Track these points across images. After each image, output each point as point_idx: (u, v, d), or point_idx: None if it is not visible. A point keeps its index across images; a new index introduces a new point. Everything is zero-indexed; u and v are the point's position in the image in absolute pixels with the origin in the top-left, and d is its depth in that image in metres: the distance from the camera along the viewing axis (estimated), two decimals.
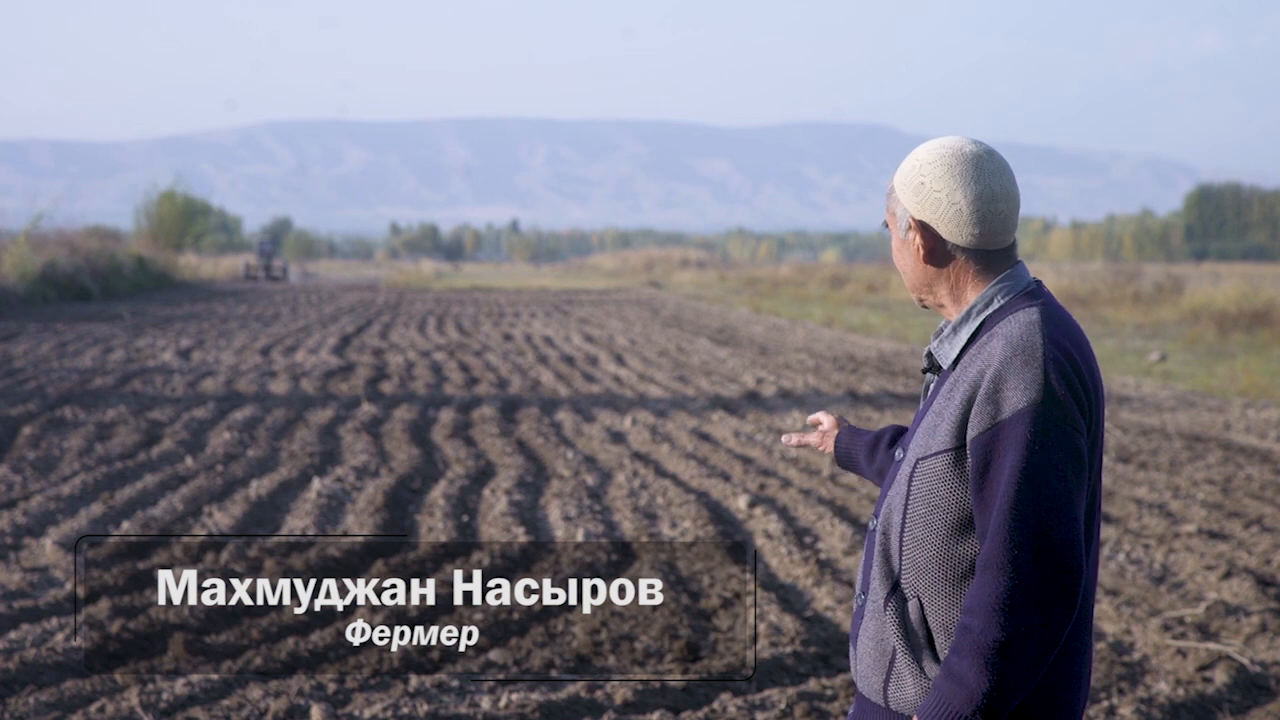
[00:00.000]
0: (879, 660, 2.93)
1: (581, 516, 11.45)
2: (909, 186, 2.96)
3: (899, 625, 2.89)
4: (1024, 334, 2.85)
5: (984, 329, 2.92)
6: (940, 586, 2.87)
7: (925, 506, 2.88)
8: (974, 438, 2.82)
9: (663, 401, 19.02)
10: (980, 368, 2.86)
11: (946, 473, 2.87)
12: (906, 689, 2.88)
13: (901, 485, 2.94)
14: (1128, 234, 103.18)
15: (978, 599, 2.76)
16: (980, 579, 2.77)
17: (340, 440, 15.43)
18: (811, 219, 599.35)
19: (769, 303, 47.63)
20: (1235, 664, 7.71)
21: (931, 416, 2.93)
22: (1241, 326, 30.34)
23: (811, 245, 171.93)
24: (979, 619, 2.75)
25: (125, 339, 28.08)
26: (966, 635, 2.76)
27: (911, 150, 3.01)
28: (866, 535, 3.07)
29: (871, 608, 2.97)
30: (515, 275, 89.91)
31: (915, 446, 2.94)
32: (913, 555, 2.89)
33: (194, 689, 6.93)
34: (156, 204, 68.61)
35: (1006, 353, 2.83)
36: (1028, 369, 2.81)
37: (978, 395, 2.83)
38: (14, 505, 11.78)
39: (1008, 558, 2.75)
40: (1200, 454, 14.85)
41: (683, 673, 7.40)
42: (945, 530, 2.87)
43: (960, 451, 2.85)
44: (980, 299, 2.95)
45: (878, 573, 2.95)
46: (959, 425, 2.85)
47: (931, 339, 3.05)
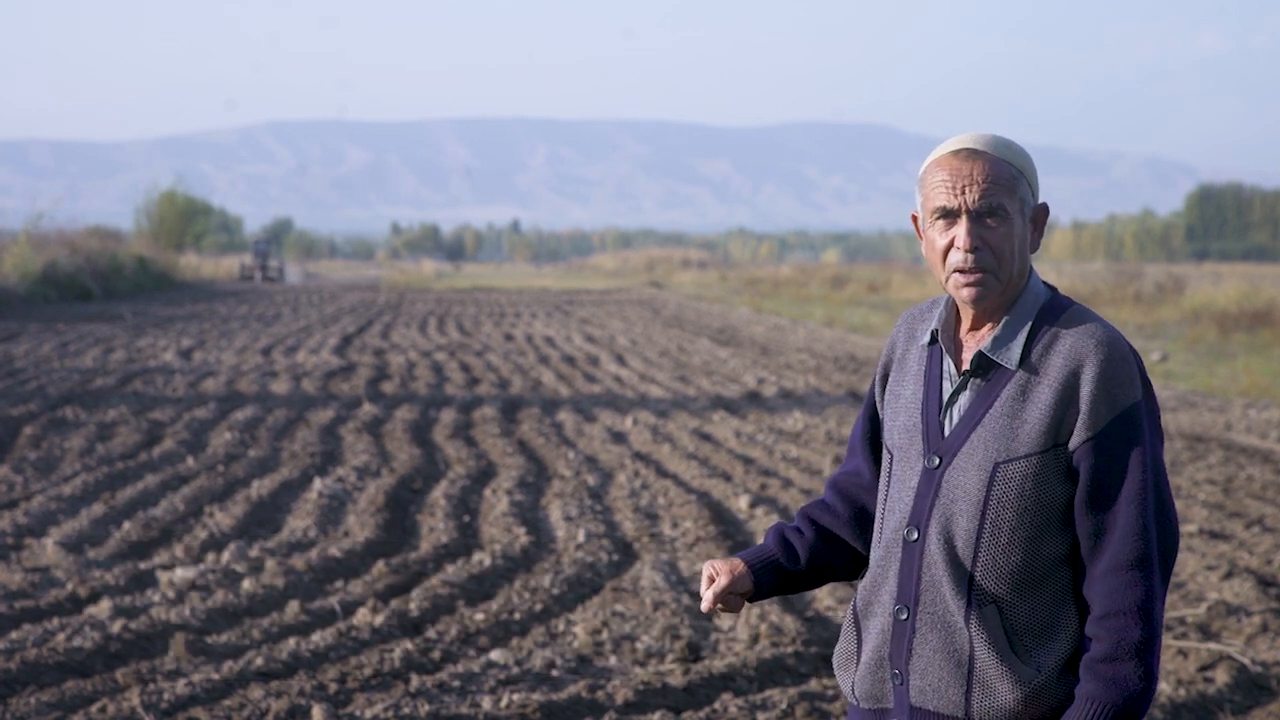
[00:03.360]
0: (954, 672, 2.87)
1: (582, 517, 11.44)
2: (1034, 175, 2.94)
3: (983, 633, 2.85)
4: (1107, 333, 2.85)
5: (1040, 326, 2.90)
6: (1022, 590, 2.85)
7: (1013, 511, 2.84)
8: (1090, 438, 2.80)
9: (664, 402, 19.02)
10: (1067, 367, 2.83)
11: (1037, 475, 2.83)
12: (998, 696, 2.84)
13: (972, 491, 2.87)
14: (1129, 234, 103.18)
15: (1122, 600, 2.77)
16: (1119, 579, 2.78)
17: (341, 440, 15.43)
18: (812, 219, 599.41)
19: (770, 303, 47.63)
20: (1236, 664, 7.70)
21: (1003, 419, 2.86)
22: (1243, 327, 30.34)
23: (812, 245, 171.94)
24: (1130, 620, 2.76)
25: (126, 339, 28.08)
26: (1121, 637, 2.76)
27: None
28: (899, 546, 2.95)
29: (930, 620, 2.90)
30: (516, 275, 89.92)
31: (985, 451, 2.87)
32: (994, 561, 2.85)
33: (195, 689, 6.93)
34: (157, 204, 68.64)
35: (1102, 352, 2.82)
36: (1125, 366, 2.82)
37: (1081, 396, 2.81)
38: (15, 505, 11.78)
39: (1147, 556, 2.78)
40: (1201, 454, 14.85)
41: (683, 673, 7.40)
42: (1033, 533, 2.84)
43: (1051, 454, 2.82)
44: (1029, 296, 2.93)
45: (944, 583, 2.88)
46: (1051, 427, 2.82)
47: (938, 339, 2.98)
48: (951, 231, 2.92)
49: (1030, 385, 2.86)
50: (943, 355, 2.99)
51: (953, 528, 2.88)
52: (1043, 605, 2.85)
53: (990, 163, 2.90)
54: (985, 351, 2.91)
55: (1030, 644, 2.85)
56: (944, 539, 2.89)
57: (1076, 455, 2.82)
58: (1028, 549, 2.84)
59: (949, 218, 2.92)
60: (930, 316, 3.05)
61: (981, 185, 2.89)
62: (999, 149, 2.92)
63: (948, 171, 2.92)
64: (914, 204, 3.03)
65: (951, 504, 2.89)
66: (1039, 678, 2.83)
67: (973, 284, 2.90)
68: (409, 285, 64.75)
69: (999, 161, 2.91)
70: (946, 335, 2.99)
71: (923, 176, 2.98)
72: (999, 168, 2.90)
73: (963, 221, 2.90)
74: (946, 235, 2.92)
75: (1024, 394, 2.86)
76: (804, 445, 15.20)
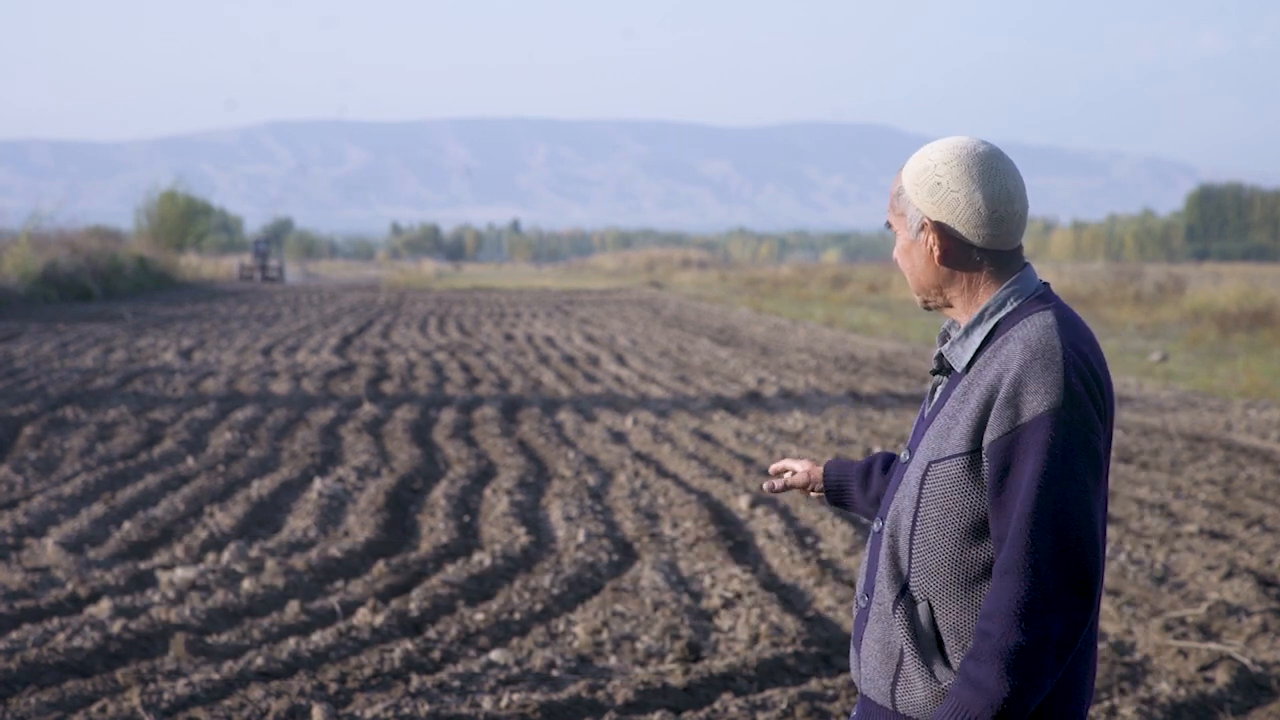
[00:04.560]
0: (886, 663, 2.92)
1: (583, 517, 11.44)
2: (923, 187, 2.93)
3: (908, 628, 2.88)
4: (1042, 338, 2.83)
5: (998, 332, 2.91)
6: (951, 590, 2.86)
7: (938, 510, 2.87)
8: (992, 441, 2.81)
9: (664, 402, 19.02)
10: (998, 371, 2.85)
11: (960, 476, 2.85)
12: (915, 692, 2.88)
13: (911, 488, 2.92)
14: (1129, 234, 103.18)
15: (997, 604, 2.76)
16: (999, 584, 2.77)
17: (341, 440, 15.43)
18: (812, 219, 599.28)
19: (770, 303, 47.63)
20: (1236, 664, 7.70)
21: (944, 419, 2.91)
22: (1243, 327, 30.33)
23: (812, 245, 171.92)
24: (999, 624, 2.74)
25: (126, 339, 28.08)
26: (986, 641, 2.75)
27: (915, 150, 2.99)
28: (870, 537, 3.05)
29: (877, 610, 2.96)
30: (516, 275, 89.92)
31: (925, 449, 2.93)
32: (923, 558, 2.88)
33: (195, 689, 6.93)
34: (157, 204, 68.62)
35: (1025, 357, 2.82)
36: (1048, 373, 2.80)
37: (996, 399, 2.82)
38: (15, 505, 11.78)
39: (1028, 562, 2.75)
40: (1201, 454, 14.85)
41: (683, 673, 7.40)
42: (958, 534, 2.86)
43: (975, 455, 2.84)
44: (993, 301, 2.93)
45: (885, 575, 2.94)
46: (975, 429, 2.84)
47: (938, 340, 3.04)
48: None
49: (970, 388, 2.90)
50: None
51: (898, 523, 2.95)
52: (973, 609, 2.86)
53: (895, 178, 3.02)
54: (943, 353, 2.98)
55: (955, 646, 2.87)
56: (891, 533, 2.96)
57: (985, 458, 2.84)
58: (954, 550, 2.86)
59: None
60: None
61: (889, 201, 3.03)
62: (908, 162, 2.99)
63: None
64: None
65: (902, 500, 2.96)
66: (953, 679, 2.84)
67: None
68: (409, 285, 64.75)
69: (897, 177, 3.01)
70: (946, 337, 3.05)
71: None
72: (894, 184, 3.02)
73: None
74: None
75: (964, 396, 2.90)
76: (804, 445, 15.20)
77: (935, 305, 3.01)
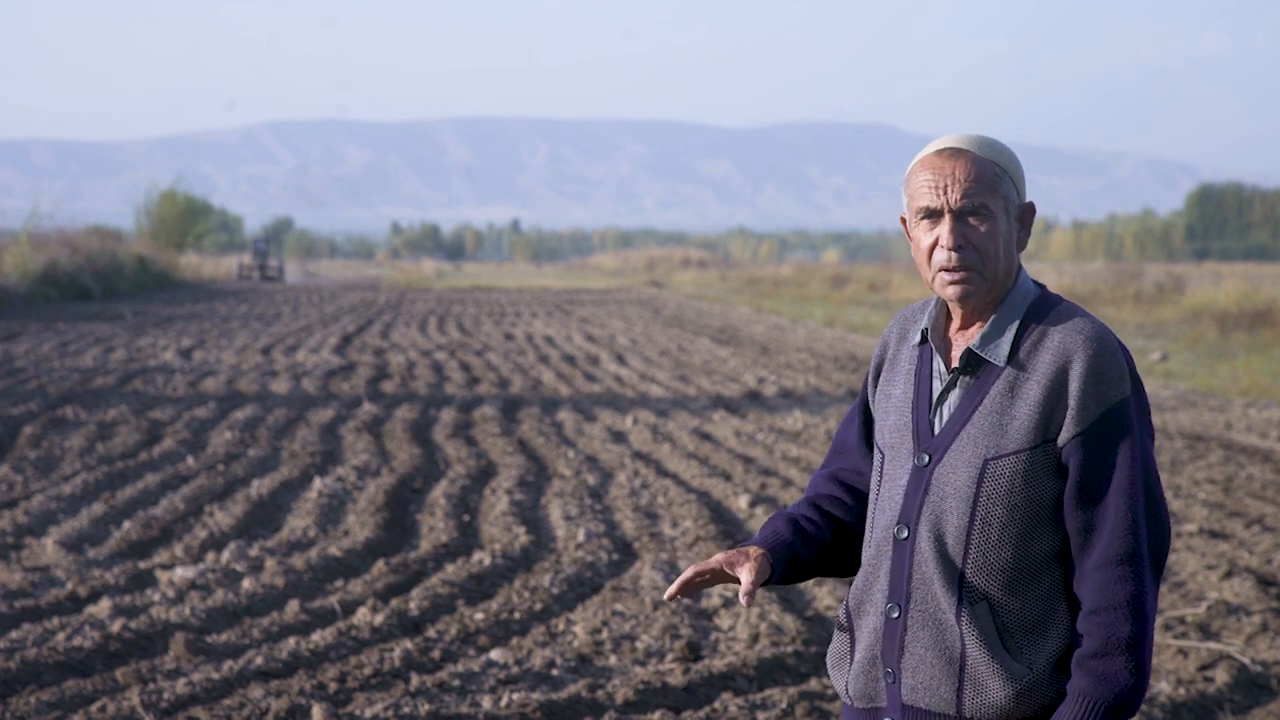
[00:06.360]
0: (947, 669, 2.88)
1: (583, 516, 11.44)
2: (1020, 173, 2.95)
3: (974, 630, 2.85)
4: (1095, 329, 2.85)
5: (1028, 324, 2.91)
6: (1014, 586, 2.85)
7: (1003, 507, 2.84)
8: (1078, 433, 2.81)
9: (664, 401, 19.02)
10: (1055, 363, 2.83)
11: (1027, 471, 2.84)
12: (990, 693, 2.84)
13: (962, 488, 2.88)
14: (1129, 234, 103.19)
15: (1111, 595, 2.77)
16: (1108, 574, 2.78)
17: (341, 440, 15.43)
18: (813, 219, 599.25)
19: (770, 302, 47.63)
20: (1236, 664, 7.70)
21: (989, 415, 2.87)
22: (1243, 326, 30.33)
23: (813, 245, 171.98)
24: (1119, 615, 2.76)
25: (126, 338, 28.08)
26: (1110, 633, 2.76)
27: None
28: (891, 545, 2.96)
29: (922, 618, 2.90)
30: (516, 275, 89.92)
31: (974, 447, 2.87)
32: (985, 558, 2.85)
33: (195, 688, 6.93)
34: (157, 204, 68.62)
35: (1091, 348, 2.82)
36: (1114, 362, 2.82)
37: (1069, 391, 2.81)
38: (15, 505, 11.78)
39: (1136, 551, 2.78)
40: (1201, 454, 14.85)
41: (683, 673, 7.40)
42: (1023, 529, 2.85)
43: (1041, 450, 2.83)
44: (1018, 293, 2.94)
45: (935, 580, 2.89)
46: (1040, 423, 2.83)
47: (923, 337, 3.00)
48: (936, 231, 2.93)
49: (1019, 382, 2.87)
50: (933, 354, 3.00)
51: (943, 525, 2.89)
52: (1034, 602, 2.86)
53: (973, 161, 2.92)
54: (974, 349, 2.92)
55: (1022, 641, 2.85)
56: (934, 536, 2.90)
57: (1065, 451, 2.82)
58: (1018, 545, 2.85)
59: (933, 217, 2.93)
60: (922, 316, 3.06)
61: (964, 184, 2.90)
62: (982, 148, 2.93)
63: (931, 171, 2.93)
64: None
65: (941, 501, 2.90)
66: (1030, 675, 2.83)
67: (958, 282, 2.91)
68: (409, 285, 64.75)
69: (982, 160, 2.92)
70: (936, 334, 3.00)
71: (908, 178, 3.00)
72: (982, 166, 2.92)
73: (946, 220, 2.91)
74: (931, 235, 2.94)
75: (1013, 390, 2.87)
76: (804, 445, 15.21)
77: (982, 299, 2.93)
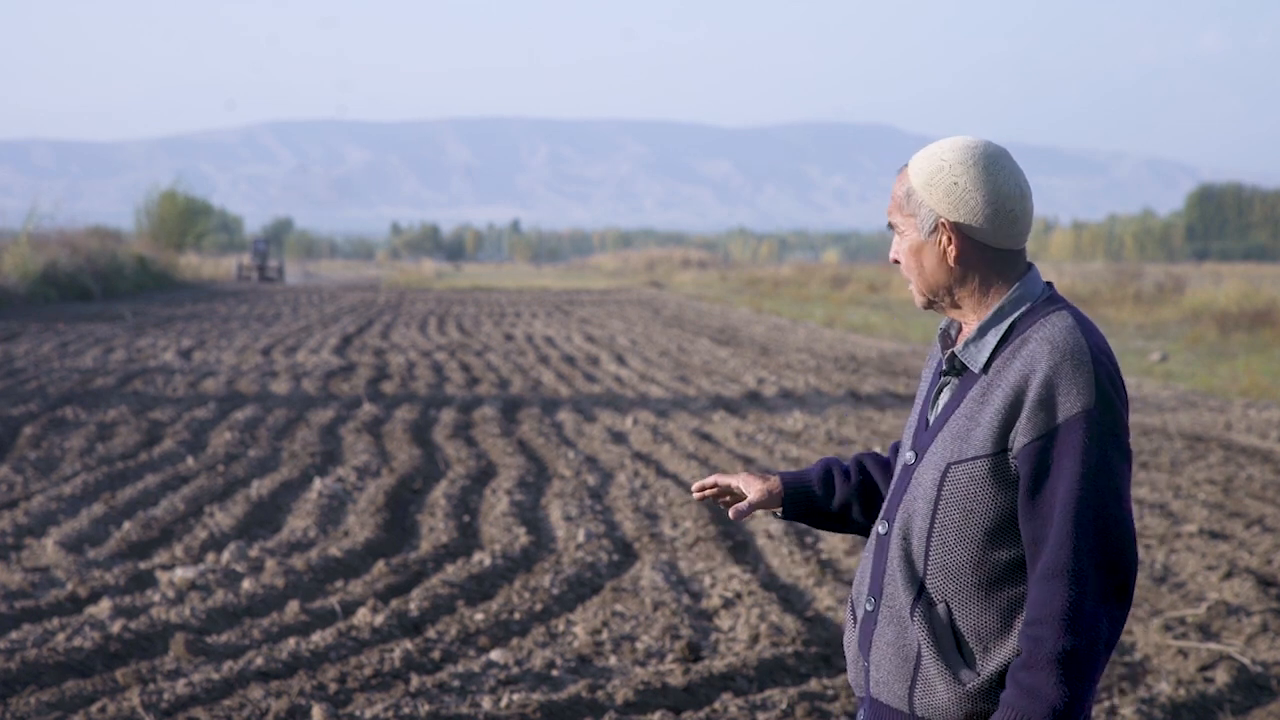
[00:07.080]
0: (901, 666, 2.90)
1: (583, 516, 11.44)
2: (939, 188, 2.91)
3: (927, 631, 2.86)
4: (1068, 338, 2.82)
5: (1014, 331, 2.90)
6: (972, 591, 2.85)
7: (959, 512, 2.85)
8: (1027, 444, 2.79)
9: (664, 401, 19.02)
10: (1021, 372, 2.82)
11: (985, 478, 2.83)
12: (937, 694, 2.86)
13: (926, 489, 2.90)
14: (1129, 234, 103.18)
15: (1046, 609, 2.74)
16: (1046, 588, 2.75)
17: (341, 440, 15.43)
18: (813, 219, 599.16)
19: (770, 303, 47.63)
20: (1236, 664, 7.70)
21: (961, 421, 2.89)
22: (1243, 326, 30.33)
23: (813, 245, 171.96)
24: (1050, 629, 2.73)
25: (126, 339, 28.08)
26: (1039, 646, 2.73)
27: (916, 150, 2.97)
28: (874, 540, 3.02)
29: (888, 614, 2.93)
30: (516, 275, 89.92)
31: (941, 450, 2.90)
32: (942, 560, 2.86)
33: (195, 689, 6.93)
34: (157, 204, 68.61)
35: (1054, 358, 2.80)
36: (1079, 373, 2.79)
37: (1026, 400, 2.80)
38: (15, 505, 11.77)
39: (1075, 565, 2.74)
40: (1201, 454, 14.85)
41: (683, 673, 7.40)
42: (980, 536, 2.84)
43: (1000, 457, 2.82)
44: (1008, 301, 2.92)
45: (898, 578, 2.92)
46: (999, 431, 2.82)
47: (939, 340, 3.02)
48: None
49: (990, 388, 2.88)
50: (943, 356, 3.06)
51: (910, 525, 2.92)
52: (994, 610, 2.85)
53: (899, 179, 3.00)
54: (956, 353, 2.95)
55: (976, 647, 2.85)
56: (903, 535, 2.93)
57: (1018, 460, 2.82)
58: (976, 551, 2.85)
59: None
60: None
61: (891, 201, 3.00)
62: (914, 163, 2.97)
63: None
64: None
65: (913, 502, 2.93)
66: (977, 680, 2.83)
67: (912, 289, 3.01)
68: (409, 285, 64.75)
69: (904, 177, 2.98)
70: (949, 337, 3.03)
71: None
72: (899, 184, 2.99)
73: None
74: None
75: (984, 397, 2.88)
76: (804, 445, 15.21)
77: (942, 306, 2.98)
